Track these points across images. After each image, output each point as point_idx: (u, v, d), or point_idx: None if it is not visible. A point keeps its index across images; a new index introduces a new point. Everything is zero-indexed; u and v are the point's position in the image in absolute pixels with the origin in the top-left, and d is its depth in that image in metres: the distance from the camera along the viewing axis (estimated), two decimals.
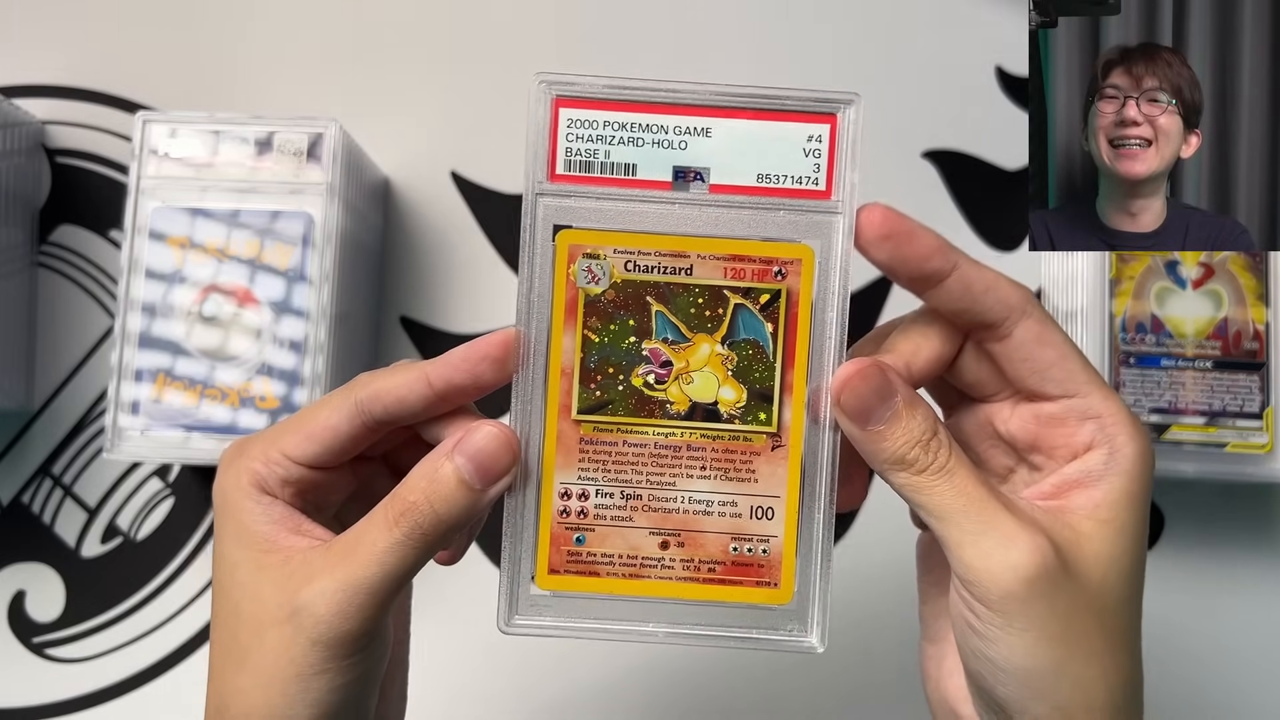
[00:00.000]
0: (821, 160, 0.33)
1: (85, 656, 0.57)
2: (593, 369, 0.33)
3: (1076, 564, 0.32)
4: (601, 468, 0.33)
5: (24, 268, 0.58)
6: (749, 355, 0.33)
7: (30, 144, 0.59)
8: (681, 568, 0.33)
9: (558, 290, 0.33)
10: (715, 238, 0.33)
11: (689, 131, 0.33)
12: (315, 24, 0.61)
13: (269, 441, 0.35)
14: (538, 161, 0.34)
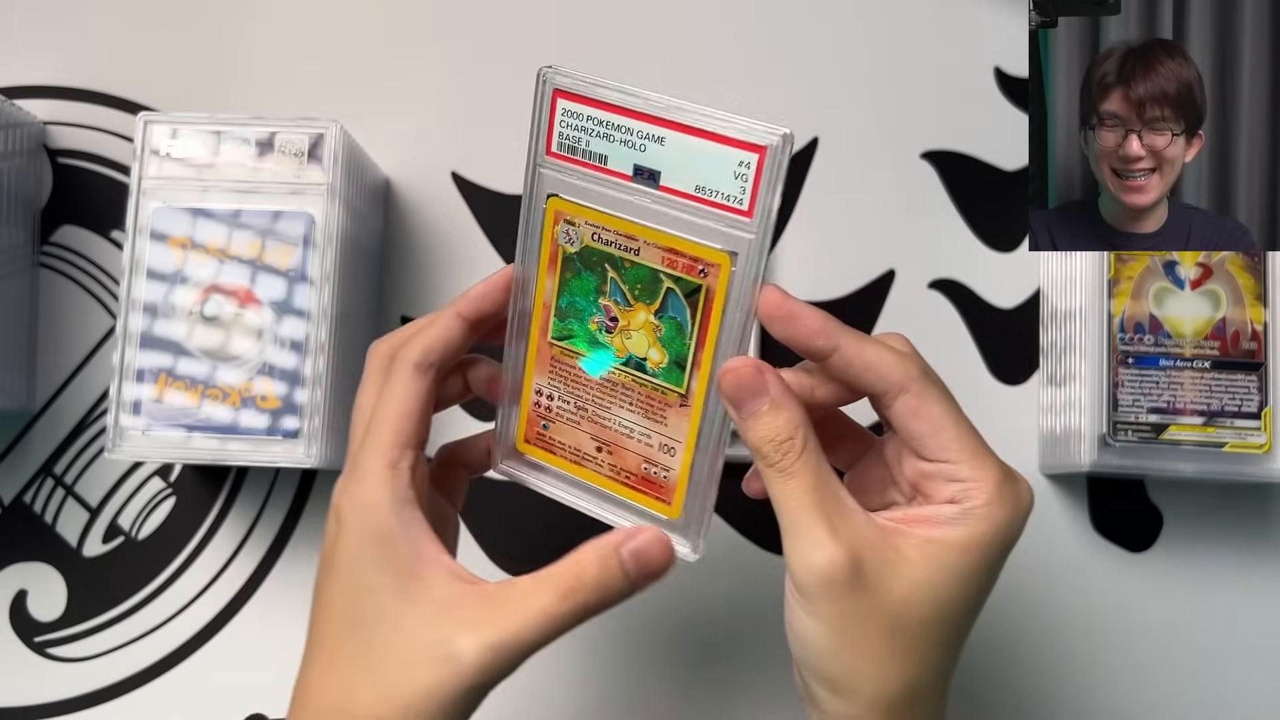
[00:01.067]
0: (748, 185, 0.37)
1: (86, 656, 0.57)
2: (564, 308, 0.41)
3: (880, 580, 0.38)
4: (563, 381, 0.42)
5: (26, 268, 0.58)
6: (673, 330, 0.40)
7: (32, 145, 0.59)
8: (608, 469, 0.42)
9: (545, 243, 0.41)
10: (658, 230, 0.38)
11: (648, 137, 0.38)
12: (316, 25, 0.61)
13: (383, 445, 0.39)
14: (539, 139, 0.40)
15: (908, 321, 0.59)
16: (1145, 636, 0.57)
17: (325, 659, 0.39)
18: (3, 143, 0.56)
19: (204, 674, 0.57)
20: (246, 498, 0.58)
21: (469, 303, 0.41)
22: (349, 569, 0.39)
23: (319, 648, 0.39)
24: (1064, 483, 0.58)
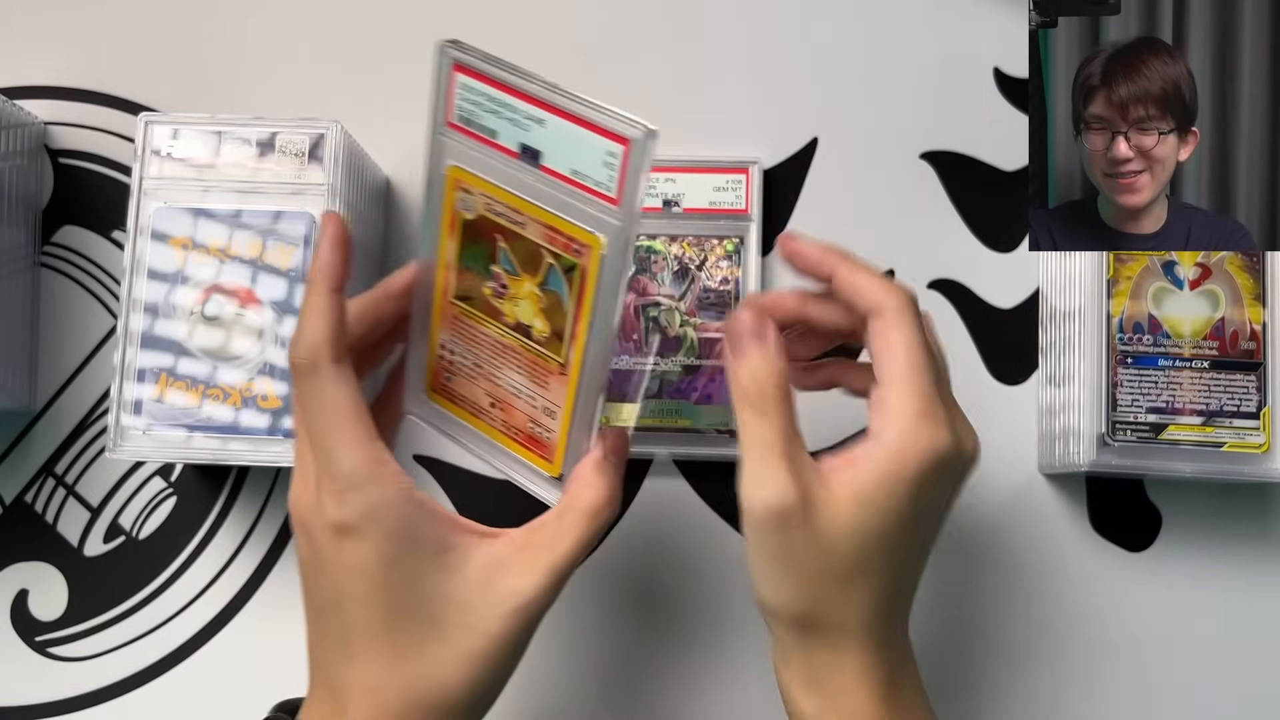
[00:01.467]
0: (615, 174, 0.38)
1: (87, 655, 0.57)
2: (463, 270, 0.43)
3: (818, 519, 0.41)
4: (463, 339, 0.44)
5: (27, 268, 0.58)
6: (554, 302, 0.41)
7: (33, 145, 0.59)
8: (501, 424, 0.45)
9: (446, 208, 0.42)
10: (541, 208, 0.40)
11: (532, 118, 0.39)
12: (317, 25, 0.62)
13: (362, 446, 0.41)
14: (440, 110, 0.41)
15: None
16: (1144, 636, 0.57)
17: (382, 658, 0.41)
18: (4, 143, 0.56)
19: (205, 673, 0.57)
20: (247, 497, 0.58)
21: (335, 275, 0.42)
22: (383, 571, 0.40)
23: (364, 650, 0.41)
24: (1063, 482, 0.58)
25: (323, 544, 0.41)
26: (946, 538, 0.58)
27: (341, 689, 0.41)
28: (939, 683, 0.57)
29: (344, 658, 0.41)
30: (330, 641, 0.42)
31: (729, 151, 0.59)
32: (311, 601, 0.43)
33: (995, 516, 0.58)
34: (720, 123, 0.60)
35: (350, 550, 0.40)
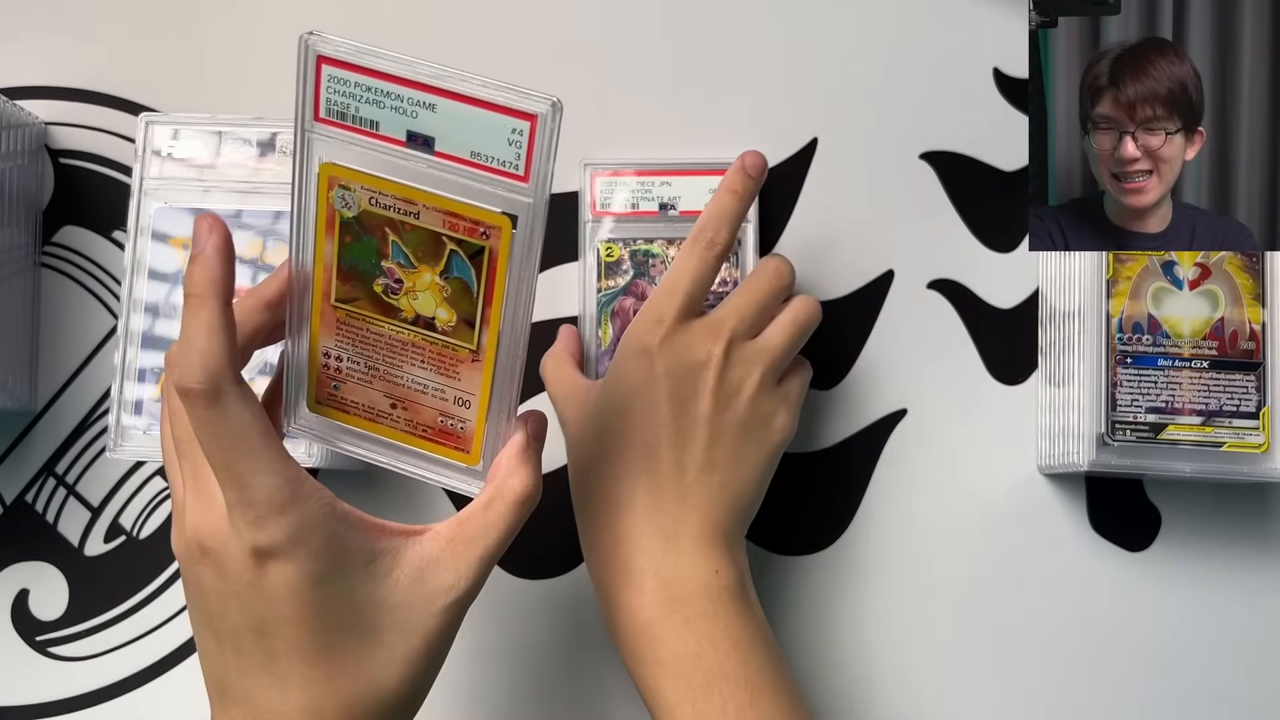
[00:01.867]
0: (521, 150, 0.37)
1: (88, 655, 0.57)
2: (346, 270, 0.41)
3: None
4: (351, 343, 0.42)
5: (27, 268, 0.59)
6: (459, 290, 0.40)
7: (33, 145, 0.59)
8: (404, 424, 0.43)
9: (320, 208, 0.40)
10: (437, 195, 0.39)
11: (419, 104, 0.37)
12: (317, 26, 0.62)
13: (276, 468, 0.39)
14: (305, 105, 0.39)
15: (907, 321, 0.59)
16: (1143, 636, 0.57)
17: (316, 678, 0.40)
18: (4, 143, 0.56)
19: None
20: None
21: (270, 288, 0.42)
22: (313, 590, 0.39)
23: (295, 673, 0.40)
24: (1062, 482, 0.58)
25: (238, 571, 0.39)
26: (946, 537, 0.58)
27: (268, 715, 0.40)
28: (938, 682, 0.57)
29: (269, 683, 0.40)
30: (249, 668, 0.40)
31: (729, 152, 0.59)
32: (219, 631, 0.41)
33: (995, 516, 0.58)
34: (720, 123, 0.60)
35: (275, 574, 0.39)
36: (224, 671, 0.41)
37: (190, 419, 0.38)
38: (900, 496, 0.58)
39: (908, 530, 0.58)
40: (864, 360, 0.59)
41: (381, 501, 0.58)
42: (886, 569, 0.58)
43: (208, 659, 0.42)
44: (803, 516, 0.58)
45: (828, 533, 0.58)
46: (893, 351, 0.59)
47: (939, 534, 0.58)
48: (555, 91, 0.59)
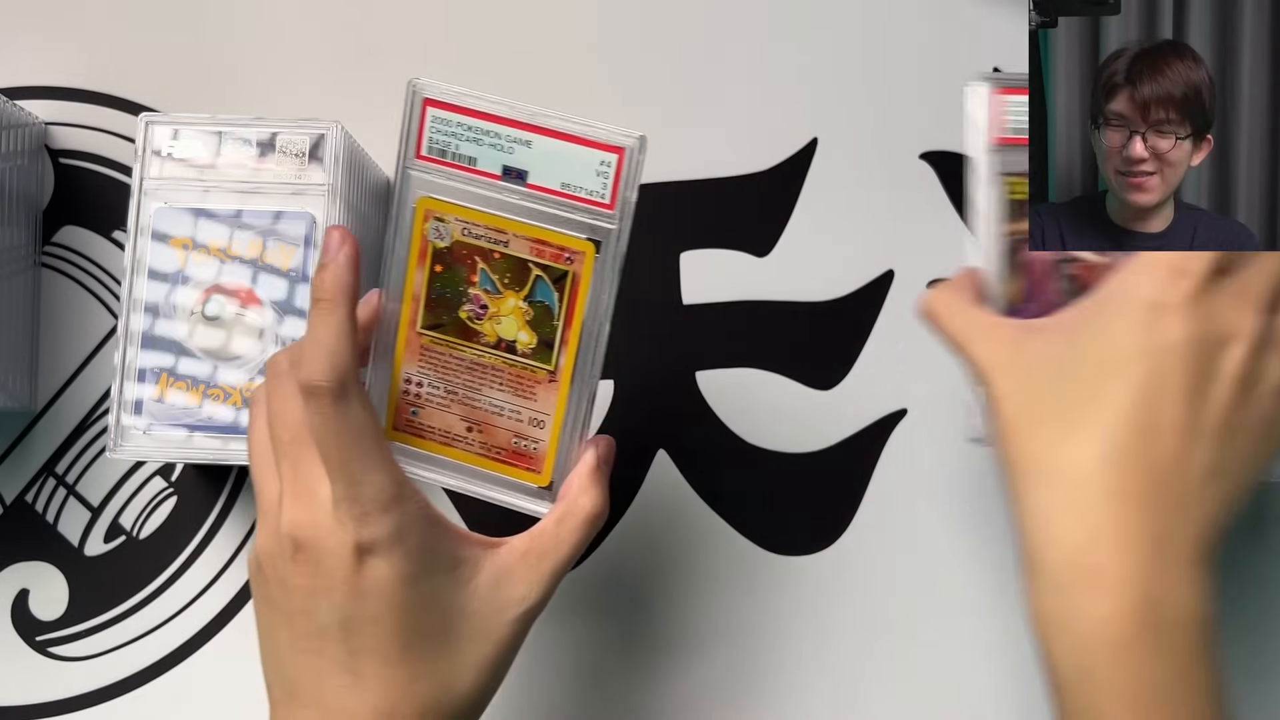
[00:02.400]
0: (609, 180, 0.42)
1: (88, 655, 0.57)
2: (434, 299, 0.44)
3: None
4: (433, 368, 0.45)
5: (27, 268, 0.59)
6: (541, 313, 0.44)
7: (33, 145, 0.59)
8: (479, 447, 0.46)
9: (414, 239, 0.44)
10: (527, 224, 0.43)
11: (515, 141, 0.42)
12: (317, 26, 0.62)
13: (386, 469, 0.41)
14: (409, 144, 0.44)
15: (907, 321, 0.59)
16: None
17: (396, 680, 0.41)
18: (4, 143, 0.56)
19: (205, 673, 0.57)
20: (248, 497, 0.58)
21: (363, 314, 0.44)
22: (403, 590, 0.41)
23: (375, 674, 0.41)
24: None
25: (336, 566, 0.41)
26: (946, 537, 0.58)
27: (342, 717, 0.41)
28: (937, 682, 0.57)
29: (348, 683, 0.41)
30: (328, 669, 0.41)
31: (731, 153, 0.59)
32: (302, 630, 0.42)
33: (995, 516, 0.58)
34: (720, 123, 0.60)
35: (372, 570, 0.41)
36: (299, 673, 0.42)
37: (312, 416, 0.40)
38: (900, 497, 0.58)
39: (907, 530, 0.58)
40: (864, 360, 0.59)
41: None
42: (886, 569, 0.58)
43: (279, 661, 0.43)
44: (803, 516, 0.58)
45: (828, 533, 0.58)
46: (893, 351, 0.59)
47: (939, 534, 0.58)
48: (545, 90, 0.59)
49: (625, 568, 0.58)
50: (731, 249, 0.60)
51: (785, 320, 0.59)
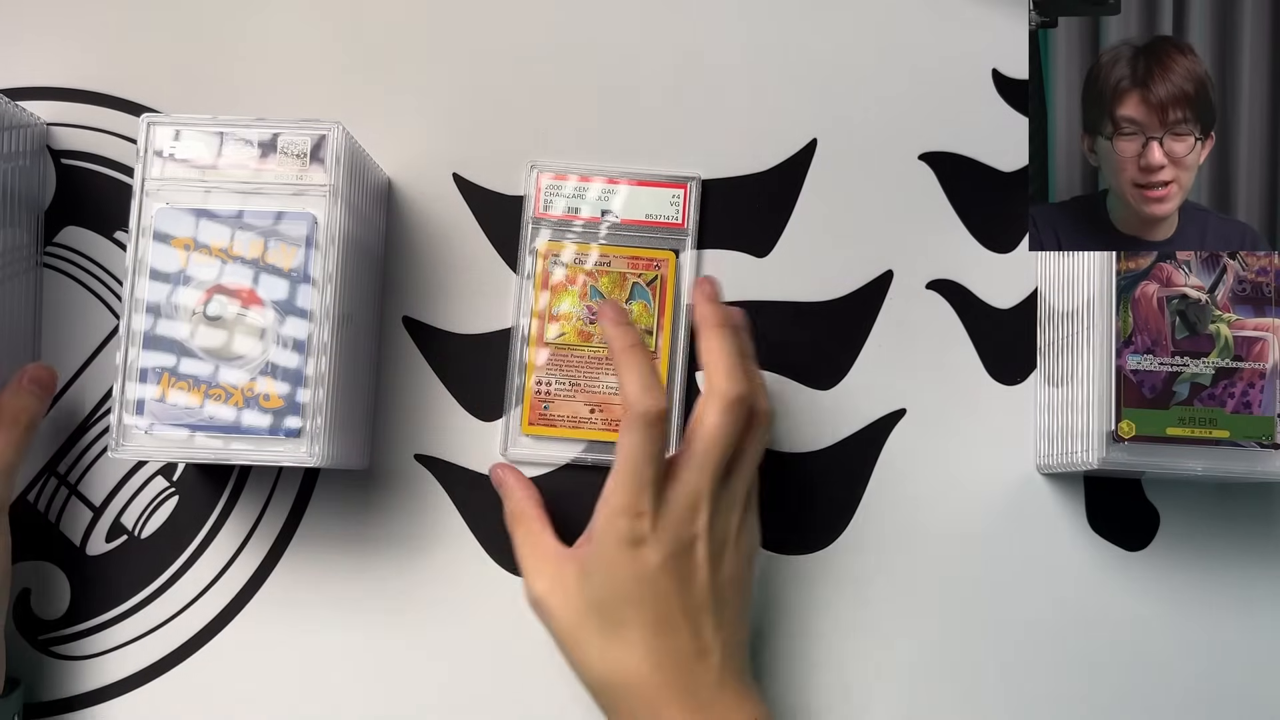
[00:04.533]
0: (679, 206, 0.59)
1: (90, 654, 0.58)
2: (556, 315, 0.58)
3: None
4: (559, 369, 0.58)
5: (30, 268, 0.59)
6: (640, 310, 0.58)
7: (35, 146, 0.59)
8: (602, 424, 0.58)
9: (537, 275, 0.59)
10: (623, 247, 0.59)
11: (607, 192, 0.59)
12: (318, 27, 0.62)
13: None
14: (529, 206, 0.59)
15: (905, 321, 0.59)
16: (1142, 636, 0.57)
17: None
18: (6, 144, 0.56)
19: (207, 672, 0.57)
20: (249, 497, 0.59)
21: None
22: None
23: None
24: (1061, 481, 0.58)
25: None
26: (945, 536, 0.58)
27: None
28: (936, 682, 0.57)
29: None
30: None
31: (731, 153, 0.60)
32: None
33: (993, 515, 0.58)
34: (720, 123, 0.61)
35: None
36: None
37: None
38: (900, 496, 0.58)
39: (907, 530, 0.58)
40: (863, 360, 0.59)
41: (380, 501, 0.58)
42: (886, 569, 0.58)
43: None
44: (803, 516, 0.58)
45: (828, 533, 0.58)
46: (892, 351, 0.59)
47: (938, 533, 0.58)
48: (546, 90, 0.60)
49: None
50: (731, 249, 0.60)
51: (785, 320, 0.59)
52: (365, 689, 0.57)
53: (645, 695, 0.49)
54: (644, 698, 0.49)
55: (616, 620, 0.50)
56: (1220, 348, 0.50)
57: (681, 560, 0.50)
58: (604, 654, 0.50)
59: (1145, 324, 0.50)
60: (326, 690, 0.57)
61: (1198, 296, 0.50)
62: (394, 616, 0.57)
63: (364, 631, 0.57)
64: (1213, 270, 0.51)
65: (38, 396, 0.55)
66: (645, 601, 0.49)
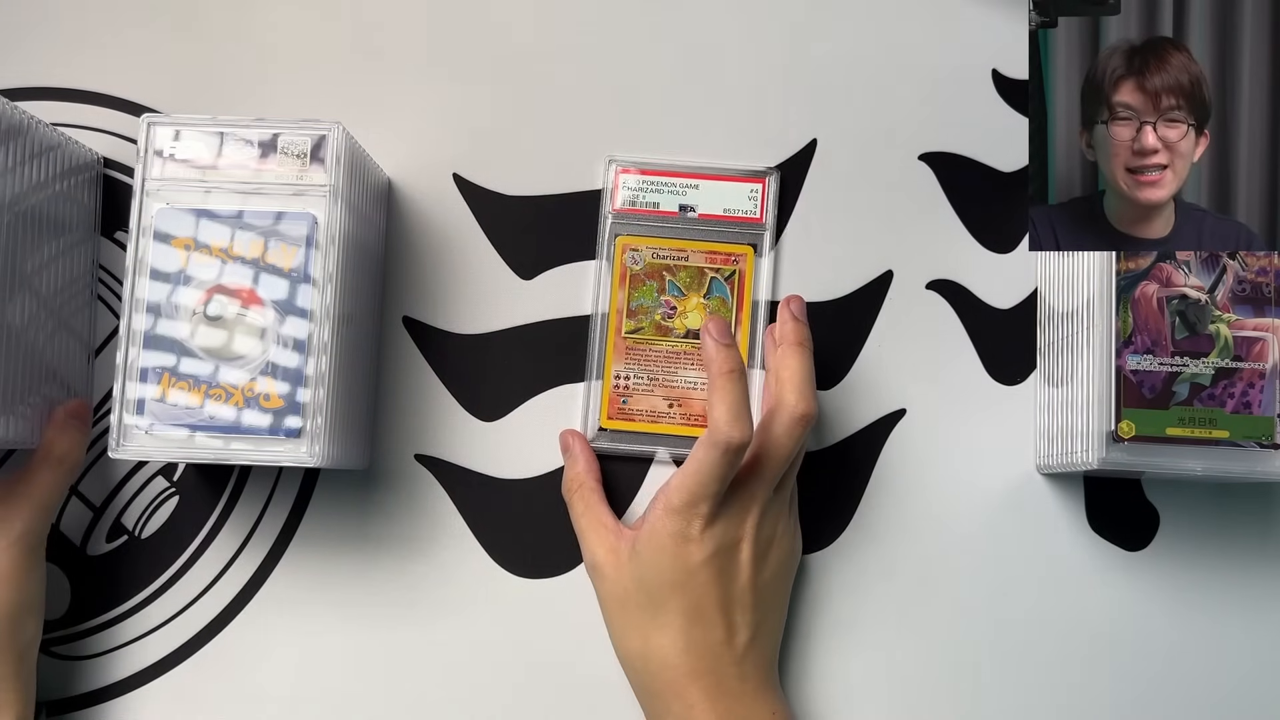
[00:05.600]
0: (757, 201, 0.59)
1: (91, 654, 0.58)
2: (634, 309, 0.58)
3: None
4: (637, 363, 0.58)
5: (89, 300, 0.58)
6: (718, 304, 0.59)
7: (93, 176, 0.58)
8: (680, 418, 0.58)
9: (616, 268, 0.59)
10: (701, 241, 0.59)
11: (687, 186, 0.59)
12: (318, 27, 0.62)
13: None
14: (607, 201, 0.59)
15: (905, 321, 0.59)
16: (1141, 635, 0.57)
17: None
18: (63, 182, 0.55)
19: (207, 672, 0.57)
20: (249, 497, 0.59)
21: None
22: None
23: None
24: (1060, 481, 0.58)
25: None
26: (945, 536, 0.58)
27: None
28: (935, 681, 0.57)
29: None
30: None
31: (728, 154, 0.60)
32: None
33: (993, 515, 0.58)
34: (720, 123, 0.61)
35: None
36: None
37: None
38: (899, 496, 0.58)
39: (907, 530, 0.58)
40: (863, 360, 0.59)
41: (380, 501, 0.58)
42: (886, 568, 0.58)
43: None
44: (803, 516, 0.58)
45: (828, 533, 0.58)
46: (892, 351, 0.59)
47: (937, 533, 0.58)
48: (549, 90, 0.60)
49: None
50: None
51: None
52: (365, 689, 0.57)
53: (672, 677, 0.52)
54: (671, 679, 0.52)
55: (658, 602, 0.52)
56: (1220, 348, 0.50)
57: (725, 558, 0.52)
58: (643, 631, 0.53)
59: (1145, 324, 0.50)
60: (326, 690, 0.57)
61: (1198, 297, 0.50)
62: (394, 617, 0.57)
63: (364, 632, 0.57)
64: (1212, 270, 0.51)
65: (81, 432, 0.55)
66: (685, 590, 0.52)
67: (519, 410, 0.59)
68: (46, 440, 0.53)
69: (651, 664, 0.53)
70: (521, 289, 0.60)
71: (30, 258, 0.53)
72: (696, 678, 0.52)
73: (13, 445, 0.53)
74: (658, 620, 0.52)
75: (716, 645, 0.52)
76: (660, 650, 0.52)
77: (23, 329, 0.52)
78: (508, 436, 0.59)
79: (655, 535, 0.52)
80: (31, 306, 0.53)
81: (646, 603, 0.53)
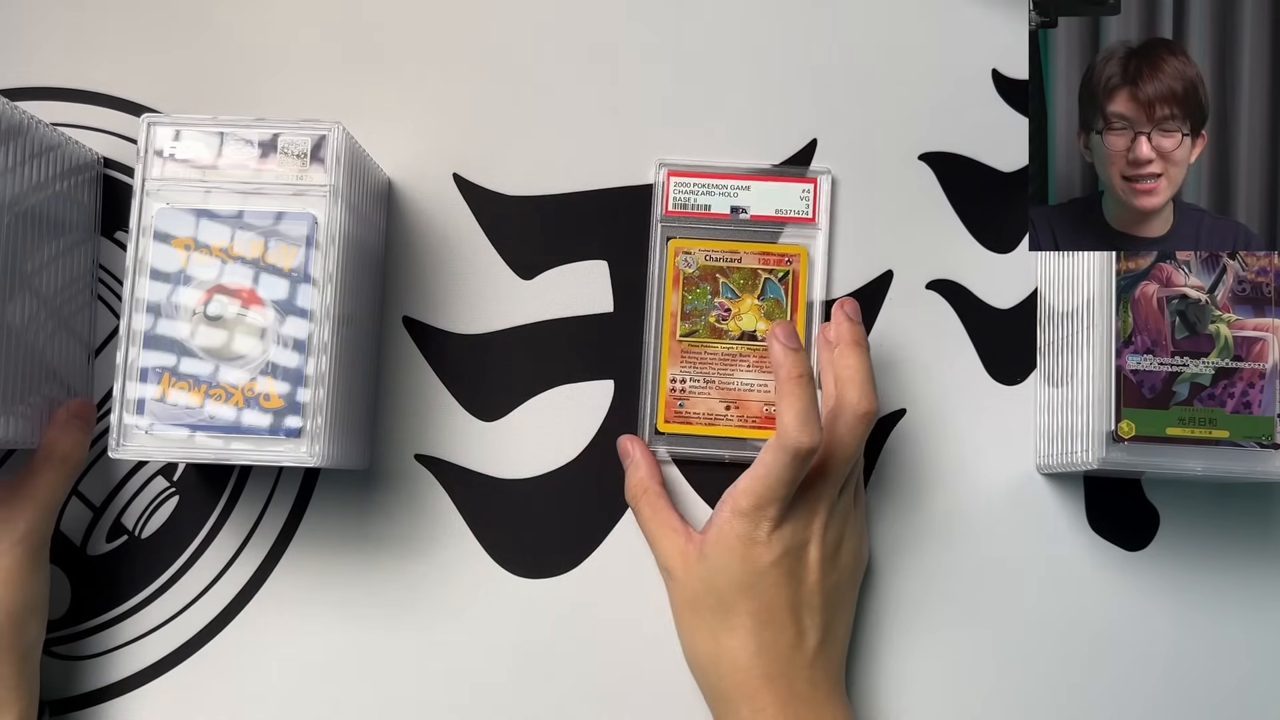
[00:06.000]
0: (809, 201, 0.59)
1: (91, 654, 0.58)
2: (688, 312, 0.58)
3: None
4: (693, 366, 0.58)
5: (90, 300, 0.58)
6: (773, 305, 0.58)
7: (93, 176, 0.58)
8: (737, 420, 0.58)
9: (669, 271, 0.59)
10: (754, 243, 0.59)
11: (738, 188, 0.59)
12: (318, 27, 0.62)
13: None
14: (658, 204, 0.59)
15: (905, 321, 0.59)
16: (1141, 635, 0.57)
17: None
18: (64, 182, 0.55)
19: (207, 672, 0.57)
20: (249, 497, 0.59)
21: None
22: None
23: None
24: (1060, 481, 0.58)
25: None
26: (945, 536, 0.58)
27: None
28: (934, 681, 0.57)
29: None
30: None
31: (729, 153, 0.59)
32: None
33: (993, 515, 0.58)
34: (720, 123, 0.61)
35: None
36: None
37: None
38: (900, 496, 0.58)
39: (907, 529, 0.58)
40: None
41: (380, 501, 0.58)
42: (885, 568, 0.58)
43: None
44: None
45: None
46: (892, 351, 0.59)
47: (937, 533, 0.58)
48: (546, 89, 0.60)
49: (625, 567, 0.58)
50: None
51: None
52: (365, 689, 0.57)
53: (743, 679, 0.52)
54: (741, 681, 0.52)
55: (728, 605, 0.52)
56: (1220, 348, 0.50)
57: (793, 560, 0.53)
58: (714, 633, 0.53)
59: (1145, 324, 0.50)
60: (326, 690, 0.57)
61: (1197, 296, 0.51)
62: (394, 617, 0.57)
63: (364, 632, 0.57)
64: (1212, 270, 0.51)
65: (84, 431, 0.55)
66: (755, 592, 0.52)
67: (519, 410, 0.59)
68: (49, 440, 0.53)
69: (722, 666, 0.53)
70: (521, 289, 0.60)
71: (30, 258, 0.53)
72: (769, 681, 0.52)
73: (13, 445, 0.53)
74: (728, 623, 0.52)
75: (787, 649, 0.52)
76: (731, 653, 0.52)
77: (23, 329, 0.52)
78: (508, 436, 0.59)
79: (723, 538, 0.52)
80: (32, 306, 0.53)
81: (717, 605, 0.53)
